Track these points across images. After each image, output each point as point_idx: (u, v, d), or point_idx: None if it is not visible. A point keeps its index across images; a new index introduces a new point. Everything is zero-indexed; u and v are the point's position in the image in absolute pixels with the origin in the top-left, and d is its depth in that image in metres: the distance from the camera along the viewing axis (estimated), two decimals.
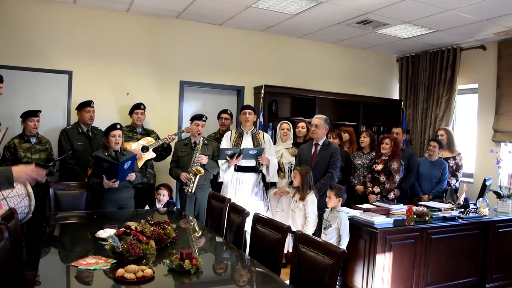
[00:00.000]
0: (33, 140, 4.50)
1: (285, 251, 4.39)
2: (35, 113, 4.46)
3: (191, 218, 4.12)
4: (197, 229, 3.73)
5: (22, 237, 4.19)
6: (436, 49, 6.67)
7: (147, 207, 4.61)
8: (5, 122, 4.55)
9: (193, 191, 4.49)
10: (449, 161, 5.48)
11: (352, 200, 4.86)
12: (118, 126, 4.23)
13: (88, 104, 4.81)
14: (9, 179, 2.35)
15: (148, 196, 4.90)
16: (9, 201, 3.02)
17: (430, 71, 6.79)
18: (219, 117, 5.45)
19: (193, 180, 4.47)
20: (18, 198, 3.13)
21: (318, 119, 4.69)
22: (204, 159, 4.52)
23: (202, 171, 4.45)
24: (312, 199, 4.22)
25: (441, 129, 5.81)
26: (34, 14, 5.07)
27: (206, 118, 4.78)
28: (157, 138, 5.10)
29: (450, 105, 6.44)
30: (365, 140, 5.45)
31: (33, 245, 4.31)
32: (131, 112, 5.08)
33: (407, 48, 6.84)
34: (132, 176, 4.17)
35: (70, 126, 4.90)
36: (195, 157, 4.51)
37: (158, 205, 4.62)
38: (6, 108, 4.75)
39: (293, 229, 3.69)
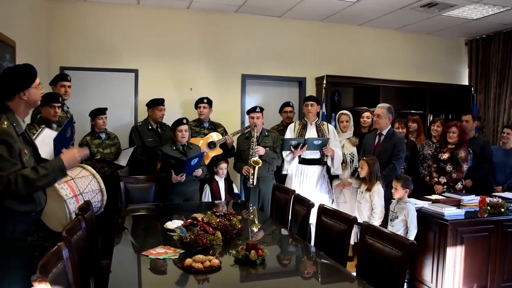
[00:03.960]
0: (103, 136, 4.74)
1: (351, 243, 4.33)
2: (102, 111, 4.70)
3: (256, 209, 4.17)
4: (262, 220, 3.77)
5: (98, 228, 4.43)
6: (510, 29, 6.23)
7: (207, 188, 4.68)
8: (77, 120, 4.82)
9: (254, 183, 4.53)
10: None
11: (419, 191, 4.69)
12: (185, 121, 4.37)
13: (160, 102, 4.96)
14: (62, 169, 2.45)
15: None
16: (85, 196, 3.20)
17: (504, 53, 6.36)
18: (282, 110, 5.43)
19: (253, 172, 4.51)
20: (92, 194, 3.31)
21: (380, 109, 4.56)
22: (261, 150, 4.55)
23: (260, 162, 4.48)
24: (378, 190, 4.12)
25: None
26: (101, 18, 5.36)
27: (262, 109, 4.76)
28: (224, 132, 5.17)
29: None
30: (438, 129, 5.17)
31: (107, 235, 4.55)
32: (196, 107, 5.16)
33: (477, 30, 6.45)
34: (198, 172, 4.31)
35: (140, 123, 5.06)
36: (252, 149, 4.55)
37: (218, 178, 4.69)
38: (78, 106, 5.01)
39: (359, 220, 3.63)
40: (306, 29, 6.17)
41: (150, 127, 4.96)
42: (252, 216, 3.90)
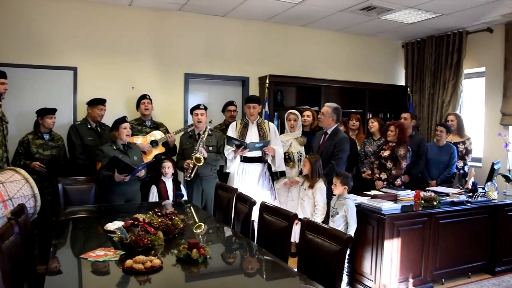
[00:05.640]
0: (47, 137, 4.58)
1: (296, 241, 4.40)
2: (53, 111, 4.58)
3: (198, 208, 4.15)
4: (205, 219, 3.76)
5: (35, 232, 4.25)
6: (442, 34, 6.60)
7: (154, 189, 4.60)
8: (12, 119, 4.60)
9: (191, 177, 4.52)
10: (458, 145, 5.45)
11: (360, 187, 4.86)
12: (127, 119, 4.33)
13: (101, 102, 4.86)
14: None
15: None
16: (15, 202, 3.04)
17: (436, 56, 6.73)
18: (225, 109, 5.45)
19: (192, 167, 4.49)
20: (24, 199, 3.15)
21: (326, 107, 4.62)
22: (204, 153, 4.54)
23: (202, 160, 4.46)
24: (321, 187, 4.23)
25: (451, 114, 5.77)
26: (37, 11, 5.10)
27: (205, 107, 4.77)
28: (166, 131, 5.12)
29: (457, 89, 6.39)
30: (373, 125, 5.41)
31: (45, 240, 4.37)
32: (137, 105, 5.11)
33: (413, 34, 6.77)
34: (141, 173, 4.26)
35: (79, 122, 4.93)
36: (198, 144, 4.53)
37: (165, 179, 4.61)
38: (13, 105, 4.80)
39: (301, 217, 3.70)
40: (250, 29, 6.20)
41: (89, 126, 4.84)
42: (194, 215, 3.88)
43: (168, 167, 4.60)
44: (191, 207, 4.13)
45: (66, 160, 4.75)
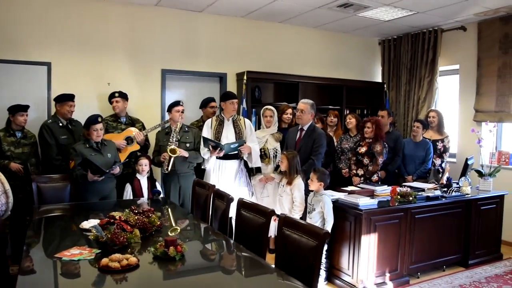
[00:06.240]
0: (19, 134, 4.47)
1: (273, 236, 4.42)
2: (24, 108, 4.46)
3: (176, 205, 4.11)
4: (183, 216, 3.74)
5: (7, 231, 4.15)
6: (417, 31, 6.69)
7: (128, 188, 4.52)
8: None
9: (168, 169, 4.48)
10: (437, 143, 5.52)
11: (337, 183, 4.90)
12: (100, 119, 4.21)
13: (70, 98, 4.72)
14: None
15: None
16: None
17: (412, 53, 6.82)
18: (206, 105, 5.37)
19: (168, 159, 4.45)
20: None
21: (304, 104, 4.64)
22: (184, 153, 4.51)
23: (177, 151, 4.42)
24: (299, 183, 4.24)
25: (432, 111, 5.81)
26: (8, 3, 4.94)
27: (182, 102, 4.78)
28: (142, 127, 5.05)
29: (432, 86, 6.49)
30: (351, 121, 5.46)
31: (18, 239, 4.27)
32: (110, 102, 5.01)
33: (389, 31, 6.85)
34: (116, 170, 4.20)
35: (50, 120, 4.75)
36: (172, 136, 4.51)
37: (140, 177, 4.53)
38: None
39: (279, 213, 3.71)
40: (228, 24, 6.16)
41: (60, 124, 4.70)
42: (172, 212, 3.84)
43: (145, 164, 4.53)
44: (168, 204, 4.10)
45: (38, 159, 4.63)
